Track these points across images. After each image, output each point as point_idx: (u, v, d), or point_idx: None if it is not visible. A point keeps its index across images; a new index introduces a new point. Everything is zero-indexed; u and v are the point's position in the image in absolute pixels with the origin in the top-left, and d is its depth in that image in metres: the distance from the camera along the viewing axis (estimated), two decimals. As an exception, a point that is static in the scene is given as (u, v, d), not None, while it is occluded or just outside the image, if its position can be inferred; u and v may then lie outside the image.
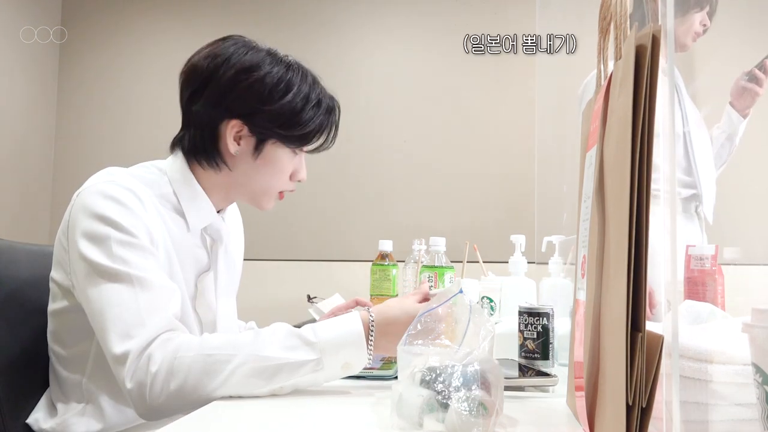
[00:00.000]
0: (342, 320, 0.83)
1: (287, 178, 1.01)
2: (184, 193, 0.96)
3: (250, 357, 0.76)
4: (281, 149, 0.98)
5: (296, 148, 0.99)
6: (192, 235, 0.99)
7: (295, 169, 1.01)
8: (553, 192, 1.68)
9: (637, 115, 0.50)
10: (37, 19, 2.98)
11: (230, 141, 0.95)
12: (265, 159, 0.97)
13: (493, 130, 2.85)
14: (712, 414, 0.55)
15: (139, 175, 0.94)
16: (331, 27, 2.98)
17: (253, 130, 0.95)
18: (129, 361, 0.76)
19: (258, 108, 0.93)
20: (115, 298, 0.80)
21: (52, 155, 3.09)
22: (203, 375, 0.75)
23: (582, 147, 0.72)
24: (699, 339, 0.57)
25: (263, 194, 1.01)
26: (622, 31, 0.60)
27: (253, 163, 0.97)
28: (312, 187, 2.92)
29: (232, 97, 0.93)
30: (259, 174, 0.98)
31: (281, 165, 0.99)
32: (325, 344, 0.78)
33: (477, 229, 2.74)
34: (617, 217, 0.52)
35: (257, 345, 0.77)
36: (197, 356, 0.76)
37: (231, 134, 0.95)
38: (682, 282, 0.99)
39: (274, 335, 0.79)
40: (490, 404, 0.58)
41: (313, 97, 0.97)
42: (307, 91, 0.97)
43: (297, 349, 0.77)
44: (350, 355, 0.80)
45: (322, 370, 0.78)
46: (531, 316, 0.95)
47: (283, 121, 0.94)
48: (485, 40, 2.89)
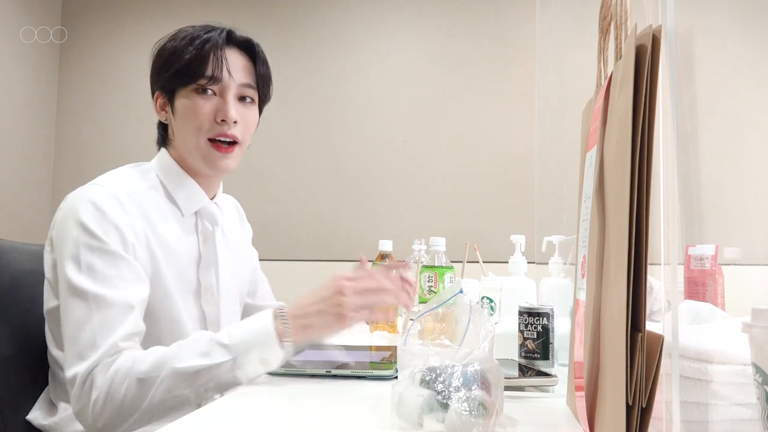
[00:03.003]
0: (254, 319, 0.87)
1: (209, 121, 1.00)
2: (170, 180, 1.02)
3: (171, 371, 0.81)
4: (188, 97, 1.00)
5: (189, 84, 1.00)
6: (187, 222, 1.03)
7: (215, 110, 1.00)
8: (553, 192, 1.68)
9: (637, 115, 0.50)
10: (37, 19, 2.99)
11: (159, 111, 1.05)
12: (180, 113, 1.01)
13: (493, 130, 2.85)
14: (712, 414, 0.55)
15: (129, 173, 1.00)
16: (331, 27, 2.98)
17: (161, 90, 1.03)
18: (75, 386, 0.81)
19: (152, 74, 1.04)
20: (75, 315, 0.84)
21: (52, 155, 3.09)
22: (136, 398, 0.80)
23: (582, 147, 0.72)
24: (699, 339, 0.57)
25: (196, 148, 1.01)
26: (622, 31, 0.60)
27: (176, 124, 1.02)
28: (312, 187, 2.93)
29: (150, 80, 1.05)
30: (183, 129, 1.01)
31: (194, 110, 1.00)
32: (238, 345, 0.83)
33: (477, 229, 2.74)
34: (617, 217, 0.52)
35: (176, 359, 0.82)
36: (130, 381, 0.81)
37: (157, 105, 1.05)
38: (682, 282, 0.99)
39: (191, 344, 0.84)
40: (490, 404, 0.58)
41: (190, 36, 1.01)
42: (183, 36, 1.02)
43: (212, 354, 0.82)
44: (264, 352, 0.84)
45: (240, 369, 0.83)
46: (531, 316, 0.95)
47: (164, 68, 1.01)
48: (485, 40, 2.89)
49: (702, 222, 1.37)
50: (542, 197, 2.02)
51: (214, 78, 0.99)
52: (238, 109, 1.01)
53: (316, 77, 2.94)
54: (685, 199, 1.32)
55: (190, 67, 0.99)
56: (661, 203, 0.49)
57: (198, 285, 1.02)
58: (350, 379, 0.89)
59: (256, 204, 2.93)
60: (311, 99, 2.94)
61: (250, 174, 2.95)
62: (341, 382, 0.87)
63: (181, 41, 1.01)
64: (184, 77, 0.99)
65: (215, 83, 0.99)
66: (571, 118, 0.89)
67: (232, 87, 1.01)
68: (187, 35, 1.01)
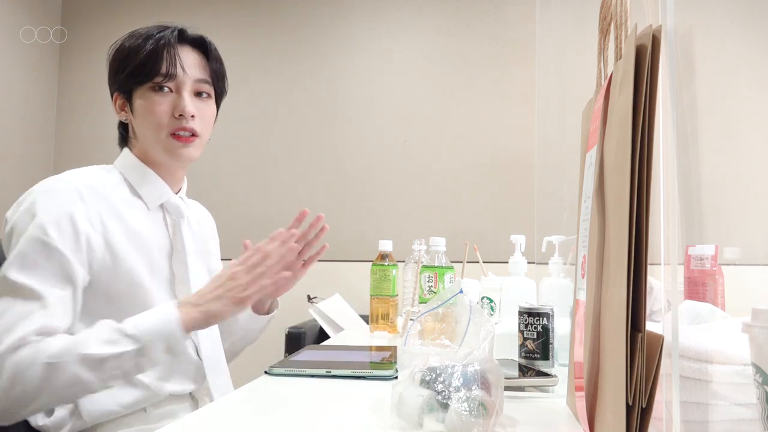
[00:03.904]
0: (158, 310, 0.91)
1: (167, 117, 1.03)
2: (134, 176, 1.05)
3: (78, 357, 0.83)
4: (143, 95, 1.02)
5: (145, 82, 1.02)
6: (154, 216, 1.06)
7: (173, 106, 1.03)
8: (553, 192, 1.68)
9: (637, 115, 0.50)
10: (37, 19, 2.99)
11: (119, 111, 1.08)
12: (139, 111, 1.03)
13: (493, 130, 2.85)
14: (712, 414, 0.55)
15: (94, 170, 1.03)
16: (332, 28, 2.98)
17: (119, 91, 1.06)
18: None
19: (111, 71, 1.06)
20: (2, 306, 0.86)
21: (52, 155, 3.09)
22: (42, 381, 0.82)
23: (582, 147, 0.72)
24: (699, 339, 0.57)
25: (157, 142, 1.04)
26: (622, 31, 0.60)
27: (136, 122, 1.05)
28: (312, 187, 2.92)
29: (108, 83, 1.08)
30: (144, 126, 1.04)
31: (152, 108, 1.02)
32: (143, 334, 0.86)
33: (477, 229, 2.74)
34: (617, 217, 0.52)
35: (82, 345, 0.84)
36: (37, 366, 0.82)
37: (116, 106, 1.07)
38: (682, 282, 0.99)
39: (97, 332, 0.86)
40: (490, 404, 0.58)
41: (142, 37, 1.03)
42: (135, 35, 1.04)
43: (119, 342, 0.85)
44: (168, 341, 0.87)
45: (145, 357, 0.86)
46: (531, 316, 0.95)
47: (120, 68, 1.03)
48: (485, 40, 2.89)
49: (702, 222, 1.37)
50: (542, 197, 2.02)
51: (169, 75, 1.02)
52: (195, 103, 1.05)
53: (316, 77, 2.94)
54: (685, 199, 1.32)
55: (145, 66, 1.01)
56: (661, 203, 0.49)
57: (171, 275, 1.05)
58: (350, 379, 0.89)
59: (256, 204, 2.94)
60: (311, 99, 2.94)
61: (250, 174, 2.96)
62: (341, 382, 0.87)
63: (135, 41, 1.03)
64: (140, 76, 1.02)
65: (170, 80, 1.02)
66: (571, 118, 0.89)
67: (188, 83, 1.04)
68: (140, 35, 1.03)
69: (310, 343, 1.90)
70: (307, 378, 0.89)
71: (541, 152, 2.19)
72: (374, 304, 1.43)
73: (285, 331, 2.12)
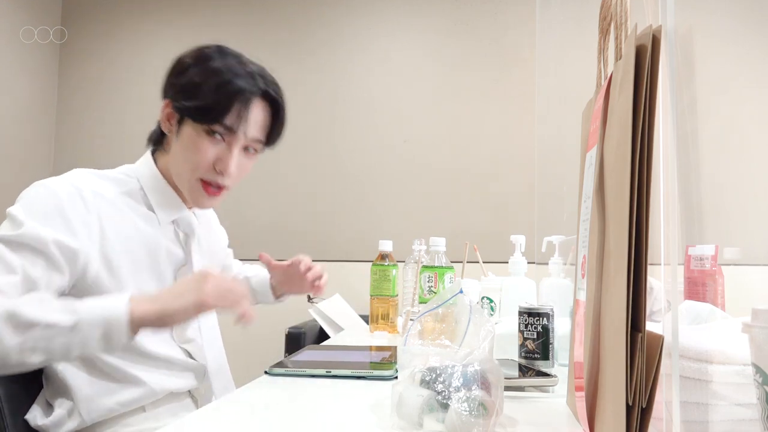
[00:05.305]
0: (111, 296, 0.82)
1: (207, 165, 0.99)
2: (150, 187, 1.02)
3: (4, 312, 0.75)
4: (196, 131, 0.97)
5: (202, 124, 0.97)
6: (165, 229, 1.03)
7: (217, 157, 0.99)
8: (553, 192, 1.68)
9: (637, 115, 0.50)
10: (37, 19, 2.99)
11: (164, 120, 1.02)
12: (183, 139, 0.99)
13: (493, 129, 2.85)
14: (712, 414, 0.55)
15: (107, 175, 0.99)
16: (332, 27, 2.98)
17: (174, 106, 0.99)
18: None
19: (172, 82, 1.00)
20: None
21: (52, 155, 3.09)
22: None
23: (582, 147, 0.72)
24: (699, 339, 0.57)
25: (186, 180, 1.00)
26: (622, 32, 0.60)
27: (177, 144, 1.00)
28: (312, 187, 2.92)
29: (166, 81, 1.01)
30: (180, 155, 1.00)
31: (196, 146, 0.97)
32: (83, 313, 0.78)
33: (477, 229, 2.74)
34: (617, 217, 0.52)
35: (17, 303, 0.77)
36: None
37: (164, 113, 1.01)
38: (682, 282, 0.99)
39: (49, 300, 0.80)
40: (490, 404, 0.58)
41: (223, 75, 0.96)
42: (218, 68, 0.97)
43: (56, 312, 0.77)
44: (109, 327, 0.78)
45: (78, 337, 0.77)
46: (531, 316, 0.95)
47: (186, 92, 0.97)
48: (485, 40, 2.89)
49: (702, 222, 1.37)
50: (542, 197, 2.02)
51: (230, 129, 0.97)
52: (239, 159, 1.01)
53: (316, 77, 2.94)
54: (685, 199, 1.32)
55: (210, 112, 0.96)
56: (661, 203, 0.49)
57: None
58: (350, 379, 0.89)
59: (256, 204, 2.94)
60: (311, 99, 2.94)
61: (250, 174, 2.95)
62: (341, 382, 0.87)
63: (211, 77, 0.96)
64: (200, 117, 0.97)
65: (228, 134, 0.98)
66: (571, 119, 0.89)
67: (242, 140, 1.00)
68: (227, 69, 0.96)
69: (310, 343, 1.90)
70: (307, 378, 0.89)
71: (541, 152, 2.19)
72: (374, 304, 1.43)
73: (285, 331, 2.12)
